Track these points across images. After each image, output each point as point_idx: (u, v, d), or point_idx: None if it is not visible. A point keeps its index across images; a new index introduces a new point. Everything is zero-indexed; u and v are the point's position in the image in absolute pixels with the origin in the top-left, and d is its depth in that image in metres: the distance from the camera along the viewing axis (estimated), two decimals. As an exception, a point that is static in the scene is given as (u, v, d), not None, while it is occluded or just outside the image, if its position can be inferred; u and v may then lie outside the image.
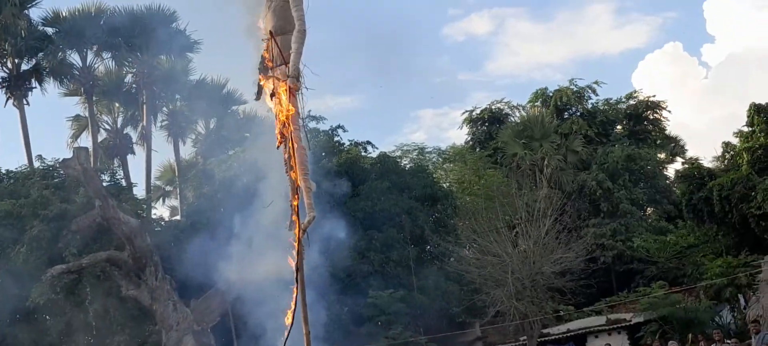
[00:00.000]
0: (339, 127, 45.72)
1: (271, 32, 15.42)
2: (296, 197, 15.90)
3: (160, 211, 54.74)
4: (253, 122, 43.40)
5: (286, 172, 15.78)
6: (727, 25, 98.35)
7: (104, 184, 38.10)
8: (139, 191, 46.63)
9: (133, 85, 51.44)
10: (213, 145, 49.97)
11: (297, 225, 15.60)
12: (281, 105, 14.81)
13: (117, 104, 52.77)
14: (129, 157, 51.91)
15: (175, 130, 52.52)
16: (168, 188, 56.76)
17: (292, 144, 14.49)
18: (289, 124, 14.61)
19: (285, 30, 15.81)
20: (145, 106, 50.58)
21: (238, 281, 28.43)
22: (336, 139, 45.83)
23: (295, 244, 15.77)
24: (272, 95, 15.17)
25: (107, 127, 53.00)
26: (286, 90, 14.75)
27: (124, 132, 52.64)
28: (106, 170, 44.99)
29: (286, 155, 15.59)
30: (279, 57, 15.13)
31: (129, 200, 39.82)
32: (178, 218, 48.53)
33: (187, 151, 54.64)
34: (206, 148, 50.90)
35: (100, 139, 50.83)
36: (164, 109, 52.94)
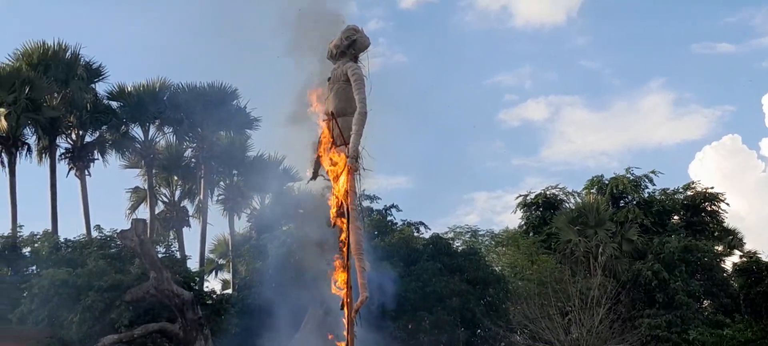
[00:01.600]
0: (392, 206, 45.93)
1: (332, 113, 15.73)
2: (344, 273, 16.04)
3: (213, 284, 55.20)
4: (309, 199, 43.77)
5: (339, 250, 15.94)
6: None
7: (159, 255, 38.57)
8: (193, 264, 47.14)
9: (192, 160, 52.43)
10: (267, 220, 50.44)
11: (348, 306, 15.69)
12: (339, 185, 15.12)
13: (175, 177, 53.77)
14: (184, 230, 52.63)
15: (230, 205, 53.24)
16: (221, 262, 57.28)
17: (348, 224, 14.67)
18: (346, 204, 14.83)
19: (346, 112, 16.16)
20: (202, 181, 51.42)
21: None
22: (389, 218, 45.96)
23: (345, 323, 15.84)
24: (331, 174, 15.45)
25: (165, 199, 53.93)
26: (345, 170, 15.03)
27: (181, 205, 53.51)
28: (162, 242, 45.58)
29: (341, 235, 15.77)
30: (340, 138, 15.44)
31: (182, 272, 40.22)
32: (229, 291, 48.86)
33: (241, 225, 55.23)
34: (260, 223, 51.37)
35: (157, 211, 51.69)
36: (221, 183, 53.76)
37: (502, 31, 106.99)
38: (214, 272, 57.14)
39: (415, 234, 46.73)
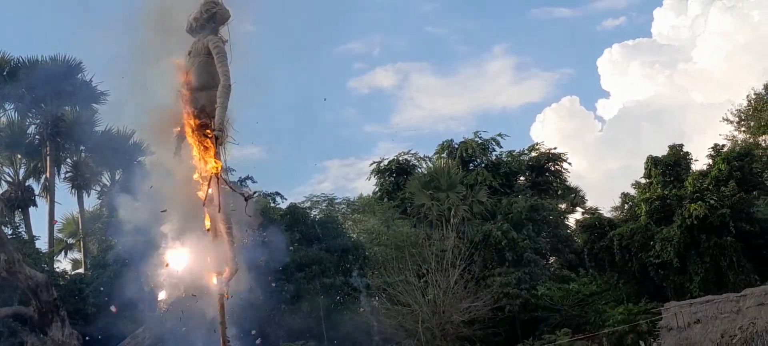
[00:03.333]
0: (248, 178, 45.64)
1: (193, 88, 15.67)
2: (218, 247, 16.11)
3: (63, 264, 53.45)
4: (162, 173, 42.92)
5: (208, 225, 15.96)
6: (619, 81, 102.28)
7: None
8: (41, 245, 45.52)
9: (37, 136, 50.35)
10: (118, 196, 49.16)
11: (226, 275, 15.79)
12: (206, 160, 15.11)
13: (19, 156, 51.49)
14: (31, 209, 50.59)
15: (79, 182, 51.52)
16: (70, 241, 55.48)
17: (218, 199, 14.74)
18: (216, 179, 14.87)
19: (209, 85, 16.12)
20: (48, 158, 49.54)
21: (149, 329, 28.13)
22: (244, 190, 45.66)
23: (217, 295, 15.93)
24: (198, 148, 15.41)
25: (9, 179, 51.62)
26: (211, 144, 15.03)
27: (27, 184, 51.34)
28: (8, 223, 43.77)
29: (209, 208, 15.80)
30: (203, 112, 15.43)
31: (31, 253, 38.87)
32: (81, 270, 47.49)
33: (91, 203, 53.62)
34: (111, 199, 50.06)
35: (1, 191, 49.48)
36: (68, 160, 51.91)
37: (350, 1, 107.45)
38: (63, 252, 55.27)
39: (272, 205, 46.65)
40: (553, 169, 62.07)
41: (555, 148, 62.25)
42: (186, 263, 17.53)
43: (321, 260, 41.81)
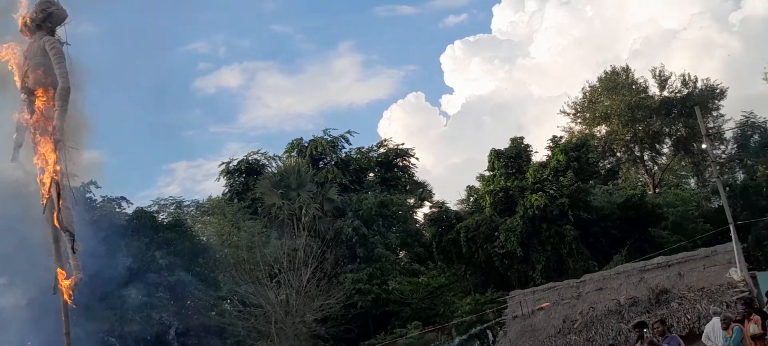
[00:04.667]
0: (91, 183, 44.07)
1: (30, 90, 15.09)
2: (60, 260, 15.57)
3: None
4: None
5: (51, 233, 15.42)
6: (461, 77, 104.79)
7: None
8: None
9: None
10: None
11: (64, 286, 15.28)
12: (47, 165, 14.57)
13: None
14: None
15: None
16: None
17: (59, 205, 14.25)
18: (58, 185, 14.37)
19: (46, 87, 15.57)
20: None
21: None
22: (87, 195, 44.15)
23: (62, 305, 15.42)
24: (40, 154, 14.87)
25: None
26: (51, 149, 14.52)
27: None
28: None
29: (49, 215, 15.26)
30: (42, 117, 14.88)
31: None
32: None
33: None
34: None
35: None
36: None
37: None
38: None
39: (117, 210, 45.28)
40: (401, 164, 63.05)
41: (402, 144, 63.37)
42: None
43: (170, 265, 40.94)
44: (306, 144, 59.72)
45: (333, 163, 59.63)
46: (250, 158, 59.33)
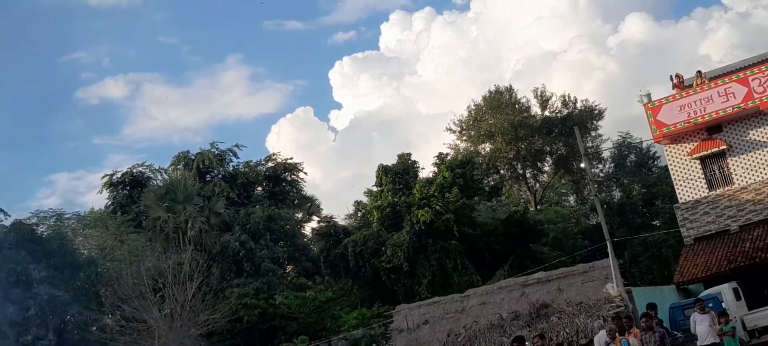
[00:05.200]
0: (-35, 194, 42.60)
1: None
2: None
3: None
4: None
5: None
6: (350, 93, 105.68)
7: None
8: None
9: None
10: None
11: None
12: None
13: None
14: None
15: None
16: None
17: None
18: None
19: None
20: None
21: None
22: (-39, 207, 42.66)
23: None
24: None
25: None
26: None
27: None
28: None
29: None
30: None
31: None
32: None
33: None
34: None
35: None
36: None
37: (75, 7, 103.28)
38: None
39: (-6, 221, 43.80)
40: (289, 179, 63.07)
41: (291, 159, 63.36)
42: None
43: (50, 279, 39.83)
44: (193, 157, 59.06)
45: (220, 176, 59.17)
46: (134, 171, 58.28)
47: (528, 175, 60.44)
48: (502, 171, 60.03)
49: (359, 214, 52.08)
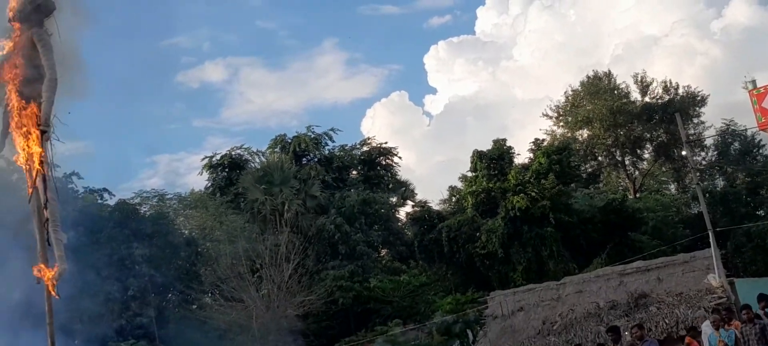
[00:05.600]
0: (73, 174, 44.08)
1: (26, 83, 15.11)
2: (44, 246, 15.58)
3: None
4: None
5: (36, 223, 15.42)
6: (445, 77, 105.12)
7: None
8: None
9: None
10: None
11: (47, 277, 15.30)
12: (33, 156, 14.59)
13: None
14: None
15: None
16: None
17: (45, 196, 14.28)
18: (42, 175, 14.40)
19: (34, 78, 15.59)
20: None
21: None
22: (70, 186, 44.16)
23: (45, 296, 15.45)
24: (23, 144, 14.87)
25: None
26: (37, 140, 14.55)
27: None
28: None
29: (35, 205, 15.28)
30: (31, 108, 14.89)
31: None
32: None
33: None
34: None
35: None
36: None
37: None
38: None
39: (99, 201, 45.26)
40: (384, 163, 63.18)
41: (386, 143, 63.44)
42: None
43: (152, 258, 40.96)
44: (289, 140, 59.75)
45: (316, 160, 59.71)
46: (233, 153, 59.34)
47: (627, 162, 59.21)
48: (600, 158, 59.01)
49: (453, 199, 51.87)
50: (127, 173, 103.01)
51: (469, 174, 47.76)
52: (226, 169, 58.61)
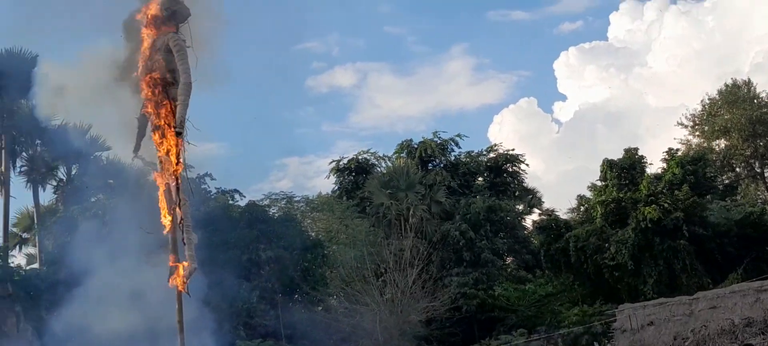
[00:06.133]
0: (206, 175, 45.32)
1: (163, 87, 15.62)
2: (175, 249, 16.06)
3: (17, 259, 52.60)
4: (118, 169, 42.55)
5: (169, 223, 15.91)
6: (575, 84, 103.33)
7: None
8: (-5, 240, 44.85)
9: (-9, 129, 49.51)
10: (75, 191, 48.53)
11: (178, 276, 15.76)
12: (168, 157, 15.08)
13: (-27, 149, 50.54)
14: (-16, 203, 49.66)
15: (34, 176, 50.76)
16: (25, 236, 54.69)
17: (179, 196, 14.73)
18: (178, 177, 14.86)
19: (168, 81, 16.11)
20: (3, 151, 48.80)
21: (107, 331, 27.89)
22: (203, 186, 45.46)
23: (177, 294, 15.91)
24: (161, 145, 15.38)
25: (-38, 172, 50.70)
26: (173, 142, 15.01)
27: (-19, 177, 50.44)
28: (-39, 217, 43.10)
29: (170, 206, 15.77)
30: (168, 112, 15.40)
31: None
32: (36, 266, 46.85)
33: (47, 197, 52.84)
34: (68, 194, 49.41)
35: (-44, 183, 48.56)
36: (24, 154, 51.13)
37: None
38: (18, 247, 54.38)
39: (231, 202, 46.44)
40: (510, 170, 62.56)
41: (513, 150, 62.80)
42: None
43: (280, 259, 41.72)
44: (415, 146, 59.96)
45: (442, 165, 59.68)
46: (359, 157, 59.99)
47: (766, 174, 56.78)
48: (737, 169, 56.79)
49: (582, 208, 50.80)
50: (258, 174, 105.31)
51: (599, 183, 46.74)
52: (353, 173, 59.25)
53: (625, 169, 45.28)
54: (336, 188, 59.39)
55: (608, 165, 45.51)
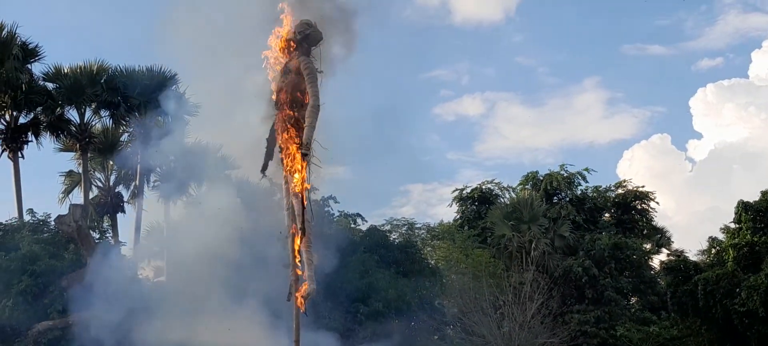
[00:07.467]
0: (330, 198, 45.91)
1: (291, 109, 15.92)
2: (297, 266, 16.25)
3: (146, 271, 54.46)
4: (245, 188, 43.53)
5: (291, 242, 16.13)
6: (711, 122, 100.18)
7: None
8: (126, 250, 46.51)
9: (129, 144, 51.62)
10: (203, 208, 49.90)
11: (297, 296, 15.93)
12: (293, 178, 15.34)
13: (111, 162, 52.80)
14: (119, 215, 51.78)
15: (166, 191, 52.54)
16: (155, 249, 56.60)
17: (303, 216, 14.91)
18: (302, 198, 15.06)
19: (298, 103, 16.41)
20: (139, 166, 50.75)
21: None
22: (326, 209, 46.05)
23: (294, 314, 16.09)
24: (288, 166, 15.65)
25: (100, 184, 52.99)
26: (299, 164, 15.24)
27: (117, 190, 52.61)
28: (96, 228, 44.91)
29: (292, 227, 15.99)
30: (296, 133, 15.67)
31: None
32: (163, 278, 48.37)
33: (177, 212, 54.56)
34: (197, 210, 50.85)
35: (91, 196, 50.75)
36: (158, 169, 53.04)
37: (440, 28, 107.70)
38: (148, 259, 56.36)
39: (353, 226, 46.89)
40: (639, 207, 60.88)
41: (643, 187, 61.15)
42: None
43: (398, 285, 41.74)
44: (541, 178, 59.20)
45: (567, 199, 58.66)
46: (483, 187, 59.61)
47: None
48: None
49: (713, 251, 48.91)
50: (381, 199, 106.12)
51: (732, 225, 44.91)
52: (476, 203, 58.92)
53: (762, 212, 43.36)
54: (458, 216, 59.18)
55: (743, 207, 43.71)
